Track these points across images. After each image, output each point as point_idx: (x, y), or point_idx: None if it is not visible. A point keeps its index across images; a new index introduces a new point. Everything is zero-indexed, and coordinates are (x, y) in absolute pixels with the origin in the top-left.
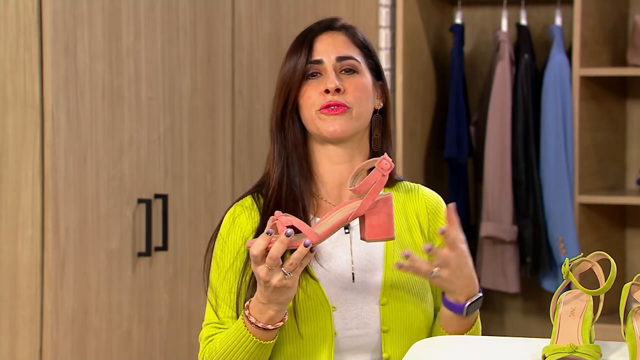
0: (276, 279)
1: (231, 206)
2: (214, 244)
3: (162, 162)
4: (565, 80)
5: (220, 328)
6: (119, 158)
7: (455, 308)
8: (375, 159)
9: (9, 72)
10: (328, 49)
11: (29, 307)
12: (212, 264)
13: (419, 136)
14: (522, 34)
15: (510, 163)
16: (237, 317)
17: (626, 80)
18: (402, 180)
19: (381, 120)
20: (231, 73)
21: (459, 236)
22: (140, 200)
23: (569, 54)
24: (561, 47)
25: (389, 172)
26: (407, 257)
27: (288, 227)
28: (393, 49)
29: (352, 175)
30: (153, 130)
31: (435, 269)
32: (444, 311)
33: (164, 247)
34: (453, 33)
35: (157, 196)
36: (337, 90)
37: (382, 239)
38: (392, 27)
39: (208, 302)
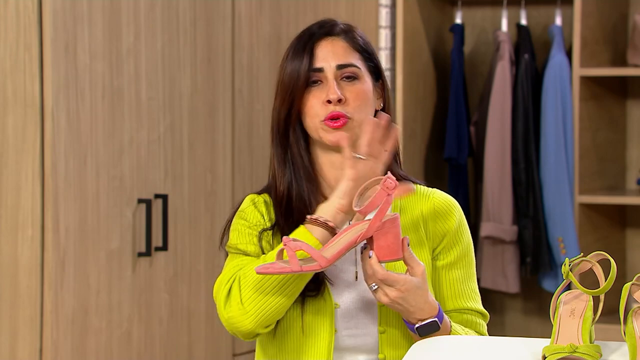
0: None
1: (248, 195)
2: (231, 221)
3: (162, 162)
4: (565, 80)
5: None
6: (119, 158)
7: (409, 327)
8: (378, 177)
9: (9, 72)
10: (328, 56)
11: (29, 307)
12: (231, 234)
13: (419, 136)
14: (522, 34)
15: (510, 163)
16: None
17: (626, 80)
18: (415, 183)
19: None
20: (231, 73)
21: (417, 267)
22: (140, 200)
23: (569, 54)
24: (561, 47)
25: (394, 191)
26: (369, 257)
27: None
28: (393, 49)
29: (356, 195)
30: (153, 130)
31: (373, 284)
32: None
33: (164, 247)
34: (453, 33)
35: (157, 196)
36: (339, 100)
37: (391, 260)
38: (392, 27)
39: (226, 263)
